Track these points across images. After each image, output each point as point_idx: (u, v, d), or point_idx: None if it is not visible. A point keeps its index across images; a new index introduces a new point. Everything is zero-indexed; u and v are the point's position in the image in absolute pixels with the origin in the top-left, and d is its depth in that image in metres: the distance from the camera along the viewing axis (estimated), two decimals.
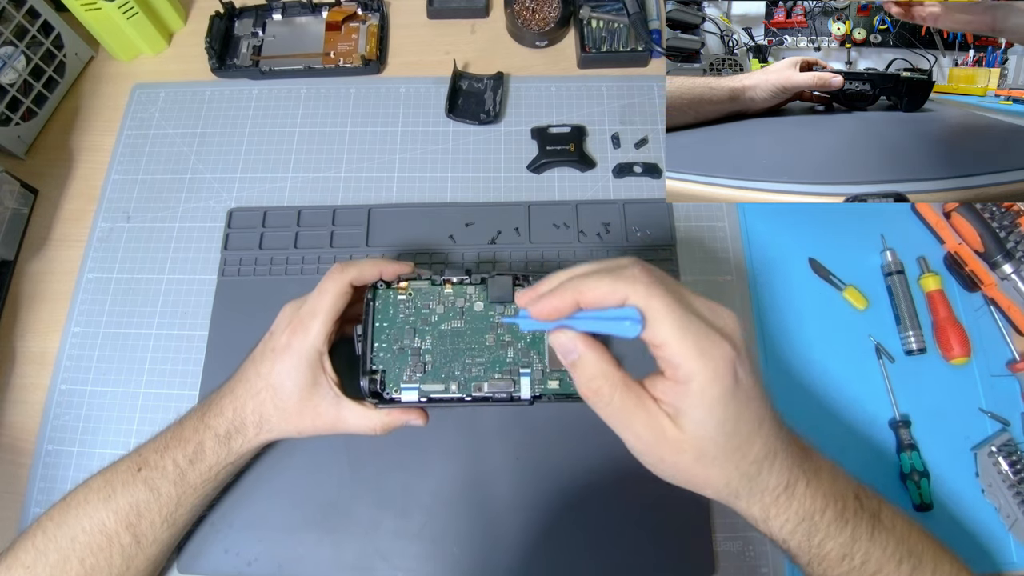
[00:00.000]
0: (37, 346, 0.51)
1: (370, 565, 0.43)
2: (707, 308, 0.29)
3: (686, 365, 0.28)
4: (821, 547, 0.31)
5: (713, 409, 0.28)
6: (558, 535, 0.43)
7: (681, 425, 0.29)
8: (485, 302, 0.40)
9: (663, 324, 0.28)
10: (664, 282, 0.29)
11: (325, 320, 0.38)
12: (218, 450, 0.39)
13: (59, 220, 0.55)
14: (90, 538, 0.36)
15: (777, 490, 0.30)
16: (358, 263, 0.39)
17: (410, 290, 0.40)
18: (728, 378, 0.28)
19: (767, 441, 0.30)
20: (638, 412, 0.29)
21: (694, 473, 0.30)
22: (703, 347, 0.27)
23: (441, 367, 0.39)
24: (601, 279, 0.29)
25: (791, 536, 0.31)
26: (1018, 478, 0.43)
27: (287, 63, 0.60)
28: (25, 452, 0.48)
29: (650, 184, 0.55)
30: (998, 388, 0.47)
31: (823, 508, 0.31)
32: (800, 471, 0.31)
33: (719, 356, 0.28)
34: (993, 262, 0.48)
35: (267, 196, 0.55)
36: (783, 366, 0.48)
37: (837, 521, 0.31)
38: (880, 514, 0.32)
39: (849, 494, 0.32)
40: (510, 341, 0.39)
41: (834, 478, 0.32)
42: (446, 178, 0.56)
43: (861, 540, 0.31)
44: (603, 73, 0.60)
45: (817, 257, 0.51)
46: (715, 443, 0.29)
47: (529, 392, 0.39)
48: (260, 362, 0.39)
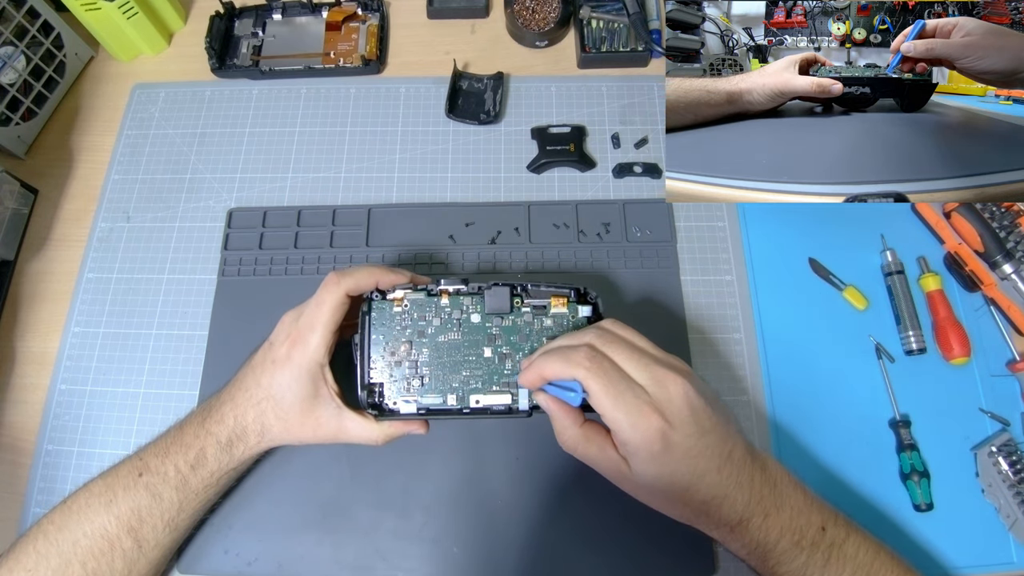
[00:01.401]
0: (37, 346, 0.51)
1: (370, 565, 0.43)
2: (653, 380, 0.34)
3: (620, 433, 0.34)
4: (775, 571, 0.35)
5: (647, 466, 0.34)
6: (558, 535, 0.43)
7: (631, 469, 0.35)
8: (482, 313, 0.40)
9: (599, 399, 0.34)
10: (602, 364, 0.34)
11: (324, 333, 0.38)
12: (220, 457, 0.39)
13: (59, 220, 0.55)
14: (92, 542, 0.36)
15: (730, 523, 0.34)
16: (354, 272, 0.38)
17: (405, 302, 0.40)
18: (656, 445, 0.33)
19: (712, 488, 0.34)
20: (600, 457, 0.36)
21: (654, 504, 0.36)
22: (633, 420, 0.33)
23: (439, 379, 0.39)
24: (556, 360, 0.35)
25: (748, 558, 0.36)
26: (1018, 478, 0.43)
27: (287, 63, 0.60)
28: (25, 452, 0.48)
29: (650, 184, 0.55)
30: (998, 388, 0.47)
31: (777, 540, 0.34)
32: (758, 508, 0.34)
33: (646, 427, 0.33)
34: (993, 262, 0.48)
35: (267, 196, 0.55)
36: (783, 366, 0.48)
37: (792, 550, 0.34)
38: (845, 543, 0.35)
39: (812, 526, 0.35)
40: (508, 353, 0.40)
41: (798, 512, 0.35)
42: (446, 178, 0.56)
43: (815, 567, 0.34)
44: (603, 73, 0.60)
45: (817, 257, 0.51)
46: (657, 489, 0.34)
47: (527, 404, 0.39)
48: (261, 373, 0.39)
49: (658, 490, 0.34)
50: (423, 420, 0.40)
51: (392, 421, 0.40)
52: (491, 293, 0.39)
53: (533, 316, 0.40)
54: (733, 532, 0.35)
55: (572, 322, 0.40)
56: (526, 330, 0.40)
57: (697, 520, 0.35)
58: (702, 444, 0.34)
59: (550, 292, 0.40)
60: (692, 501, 0.34)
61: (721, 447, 0.34)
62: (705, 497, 0.34)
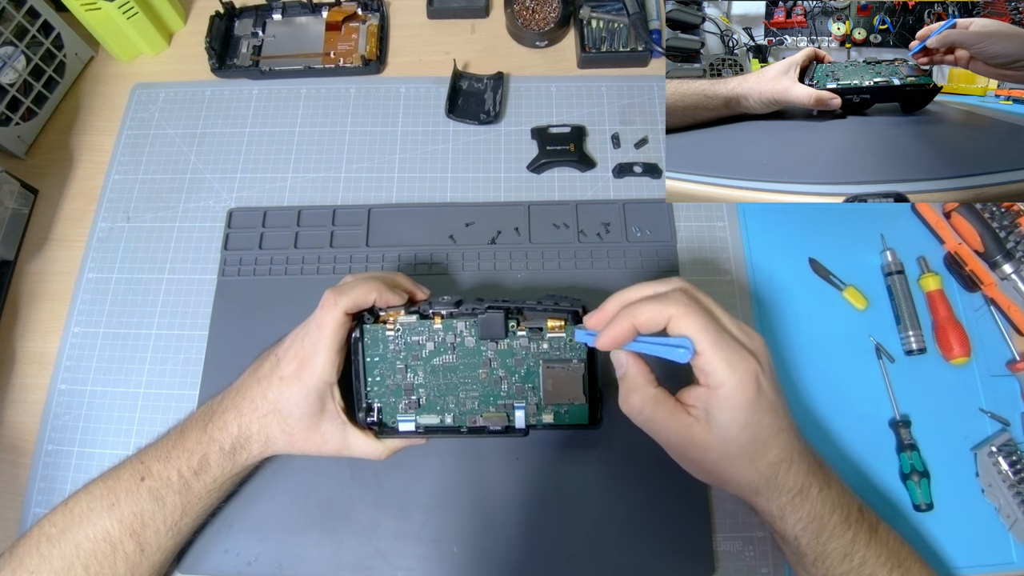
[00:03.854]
0: (37, 346, 0.51)
1: (370, 565, 0.43)
2: (739, 329, 0.34)
3: (716, 374, 0.33)
4: (826, 545, 0.35)
5: (736, 413, 0.33)
6: (558, 535, 0.43)
7: (709, 427, 0.34)
8: (476, 337, 0.40)
9: (699, 340, 0.33)
10: (700, 305, 0.34)
11: (328, 354, 0.38)
12: (223, 463, 0.39)
13: (59, 220, 0.55)
14: (94, 545, 0.36)
15: (792, 491, 0.34)
16: (351, 290, 0.38)
17: (398, 325, 0.40)
18: (751, 388, 0.33)
19: (784, 448, 0.34)
20: (668, 422, 0.35)
21: (719, 470, 0.35)
22: (732, 360, 0.32)
23: (435, 401, 0.40)
24: (648, 305, 0.34)
25: (802, 533, 0.35)
26: (1018, 478, 0.43)
27: (287, 63, 0.60)
28: (25, 452, 0.48)
29: (650, 184, 0.55)
30: (998, 388, 0.47)
31: (831, 512, 0.35)
32: (813, 478, 0.35)
33: (744, 368, 0.32)
34: (993, 262, 0.48)
35: (267, 196, 0.55)
36: (783, 366, 0.48)
37: (842, 525, 0.35)
38: (878, 527, 0.36)
39: (854, 505, 0.36)
40: (504, 376, 0.40)
41: (842, 490, 0.36)
42: (446, 178, 0.56)
43: (860, 544, 0.35)
44: (603, 73, 0.60)
45: (817, 257, 0.51)
46: (737, 444, 0.33)
47: (524, 423, 0.39)
48: (268, 387, 0.39)
49: (738, 445, 0.33)
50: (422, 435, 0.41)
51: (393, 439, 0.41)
52: (484, 319, 0.39)
53: (529, 340, 0.40)
54: (793, 501, 0.34)
55: (570, 345, 0.40)
56: (522, 353, 0.40)
57: (764, 486, 0.34)
58: (779, 401, 0.34)
59: (546, 314, 0.39)
60: (765, 460, 0.34)
61: (788, 409, 0.35)
62: (777, 457, 0.34)
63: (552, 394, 0.39)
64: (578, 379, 0.39)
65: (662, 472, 0.37)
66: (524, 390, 0.40)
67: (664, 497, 0.44)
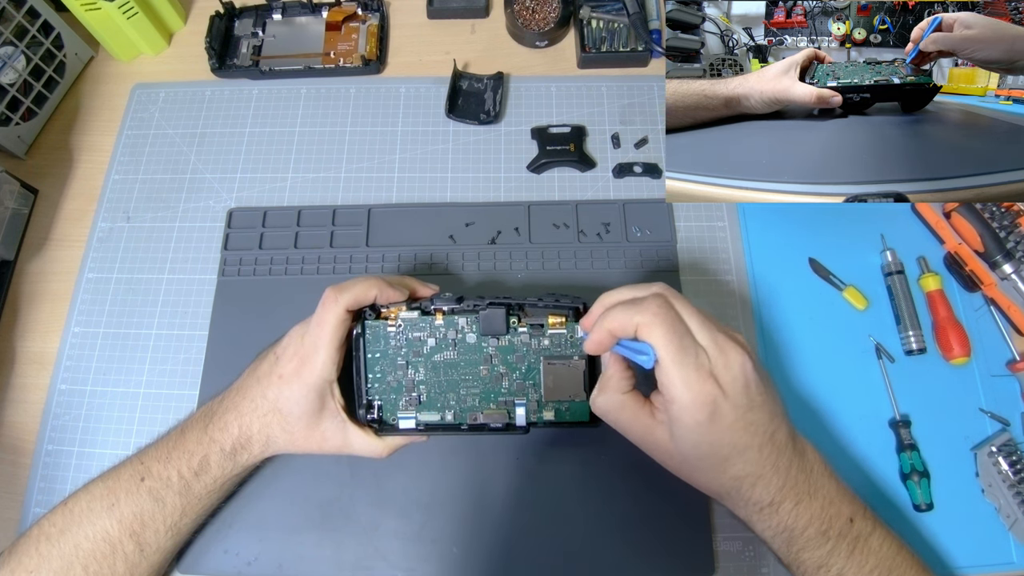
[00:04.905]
0: (37, 346, 0.51)
1: (370, 565, 0.43)
2: (715, 343, 0.34)
3: (670, 389, 0.33)
4: (799, 555, 0.35)
5: (686, 432, 0.33)
6: (557, 535, 0.43)
7: (670, 434, 0.35)
8: (477, 334, 0.40)
9: (660, 351, 0.33)
10: (671, 314, 0.33)
11: (328, 352, 0.38)
12: (223, 464, 0.39)
13: (59, 220, 0.55)
14: (94, 545, 0.36)
15: (759, 505, 0.35)
16: (351, 287, 0.38)
17: (399, 321, 0.40)
18: (702, 413, 0.33)
19: (750, 464, 0.34)
20: (632, 424, 0.36)
21: (682, 473, 0.36)
22: (688, 379, 0.32)
23: (436, 398, 0.40)
24: (620, 311, 0.34)
25: (772, 540, 0.36)
26: (1018, 478, 0.43)
27: (287, 63, 0.60)
28: (25, 452, 0.48)
29: (650, 184, 0.55)
30: (998, 388, 0.47)
31: (805, 526, 0.34)
32: (791, 493, 0.34)
33: (699, 390, 0.32)
34: (993, 262, 0.48)
35: (267, 196, 0.55)
36: (783, 366, 0.48)
37: (818, 538, 0.34)
38: (871, 537, 0.35)
39: (842, 517, 0.35)
40: (505, 373, 0.40)
41: (829, 502, 0.35)
42: (446, 178, 0.56)
43: (839, 556, 0.34)
44: (603, 73, 0.60)
45: (817, 257, 0.51)
46: (694, 456, 0.34)
47: (524, 420, 0.39)
48: (267, 386, 0.39)
49: (694, 458, 0.34)
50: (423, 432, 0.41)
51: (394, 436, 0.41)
52: (486, 315, 0.39)
53: (530, 336, 0.40)
54: (761, 513, 0.35)
55: (571, 341, 0.40)
56: (523, 350, 0.40)
57: (727, 495, 0.35)
58: (749, 419, 0.34)
59: (547, 311, 0.40)
60: (726, 475, 0.34)
61: (767, 426, 0.34)
62: (740, 473, 0.34)
63: (553, 390, 0.39)
64: (579, 376, 0.39)
65: (662, 472, 0.37)
66: (525, 387, 0.40)
67: (664, 497, 0.44)
